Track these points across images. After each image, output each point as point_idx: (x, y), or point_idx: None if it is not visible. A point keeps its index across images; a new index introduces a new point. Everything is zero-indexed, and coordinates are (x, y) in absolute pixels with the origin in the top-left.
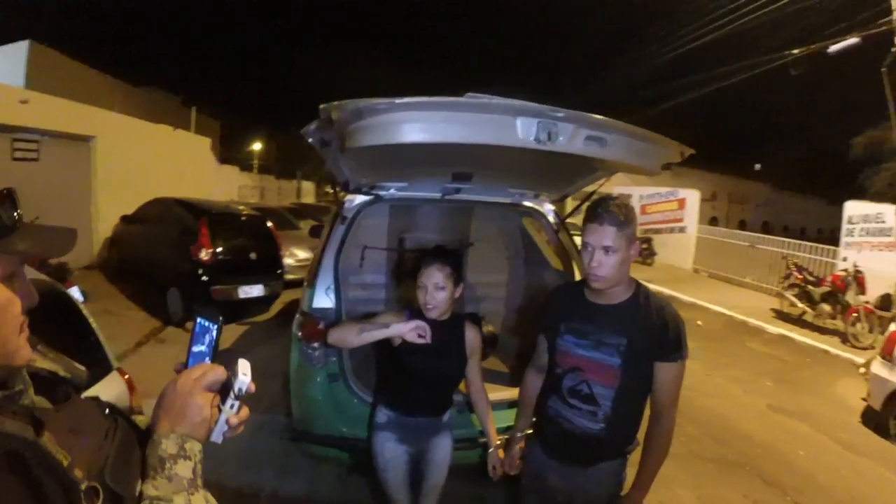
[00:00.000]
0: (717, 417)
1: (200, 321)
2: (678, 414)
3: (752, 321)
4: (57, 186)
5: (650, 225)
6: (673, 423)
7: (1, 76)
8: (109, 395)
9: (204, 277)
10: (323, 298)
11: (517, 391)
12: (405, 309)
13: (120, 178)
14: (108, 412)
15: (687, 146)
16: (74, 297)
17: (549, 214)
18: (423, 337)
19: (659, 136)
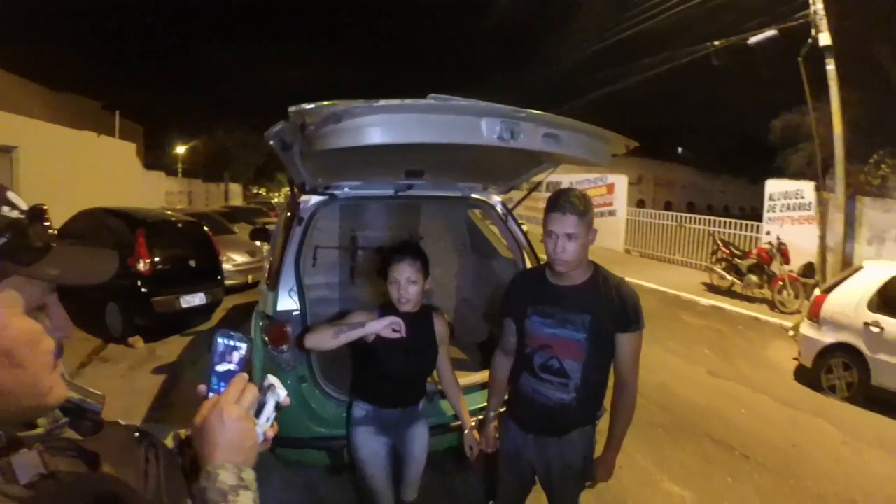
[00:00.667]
0: (661, 386)
1: (223, 341)
2: None
3: (684, 295)
4: None
5: None
6: (636, 387)
7: None
8: None
9: (144, 289)
10: (287, 301)
11: (478, 376)
12: (372, 306)
13: (45, 189)
14: (137, 435)
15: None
16: None
17: (497, 206)
18: (397, 331)
19: (607, 131)
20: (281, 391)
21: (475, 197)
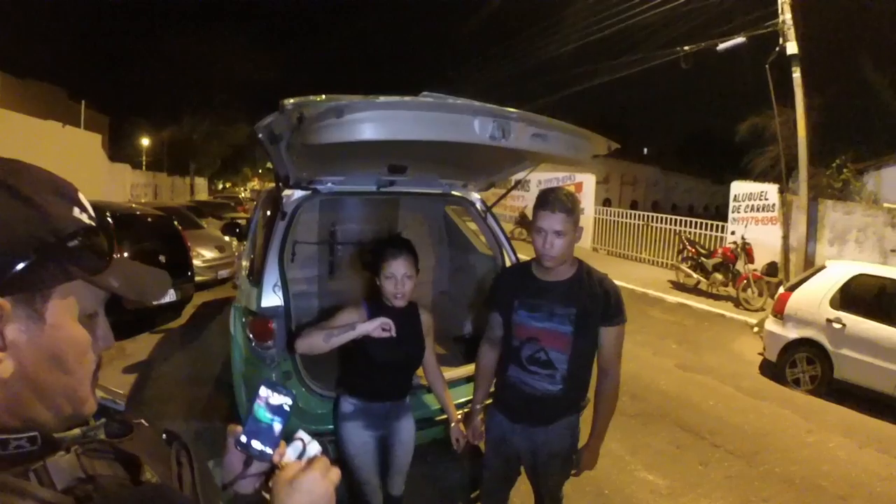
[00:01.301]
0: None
1: (268, 391)
2: None
3: (651, 292)
4: None
5: None
6: (618, 377)
7: None
8: None
9: None
10: (271, 296)
11: (461, 370)
12: (352, 300)
13: None
14: (164, 437)
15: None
16: None
17: (476, 203)
18: (387, 330)
19: (590, 132)
20: (312, 448)
21: (455, 194)
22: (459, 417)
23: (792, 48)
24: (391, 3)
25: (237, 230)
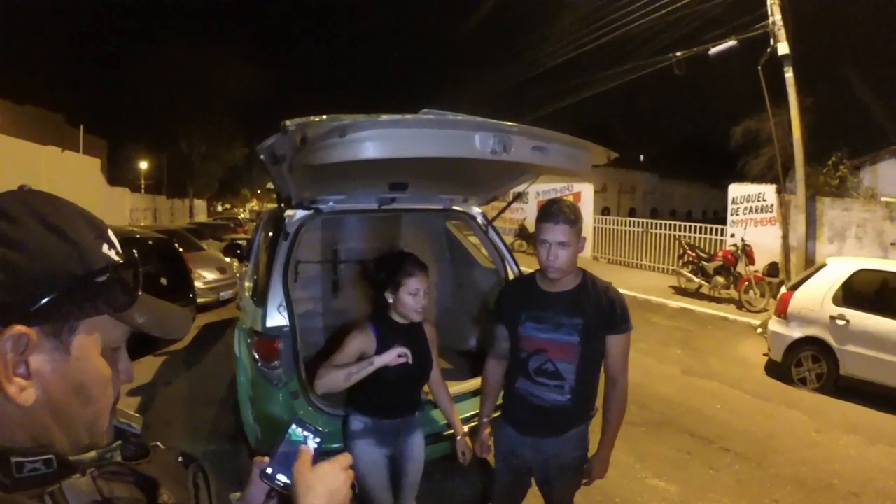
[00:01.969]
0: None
1: (298, 431)
2: None
3: (653, 299)
4: None
5: None
6: (626, 385)
7: None
8: None
9: None
10: (276, 317)
11: (466, 384)
12: (356, 319)
13: None
14: (181, 459)
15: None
16: None
17: (477, 217)
18: (403, 357)
19: (589, 142)
20: (312, 442)
21: (456, 209)
22: (465, 431)
23: (783, 48)
24: (383, 27)
25: (238, 251)
